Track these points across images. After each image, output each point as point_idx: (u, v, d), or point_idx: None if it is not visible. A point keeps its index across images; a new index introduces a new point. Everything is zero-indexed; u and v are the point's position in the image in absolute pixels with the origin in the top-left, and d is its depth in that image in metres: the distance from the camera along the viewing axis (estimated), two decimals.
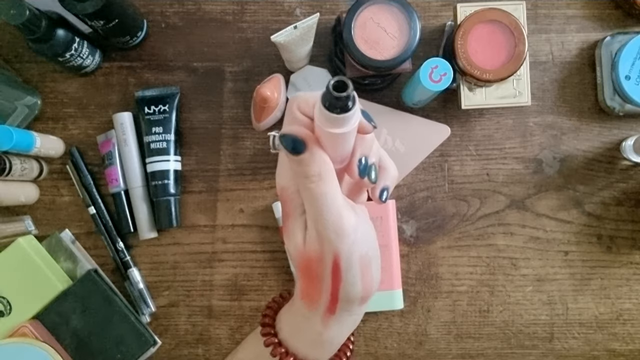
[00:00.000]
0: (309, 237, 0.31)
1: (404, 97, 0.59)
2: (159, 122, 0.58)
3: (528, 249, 0.60)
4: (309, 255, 0.31)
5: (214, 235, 0.60)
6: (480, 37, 0.53)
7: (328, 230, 0.30)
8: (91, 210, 0.59)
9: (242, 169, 0.60)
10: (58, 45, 0.52)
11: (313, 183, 0.29)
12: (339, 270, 0.31)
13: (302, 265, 0.32)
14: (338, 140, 0.28)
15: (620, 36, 0.58)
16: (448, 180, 0.61)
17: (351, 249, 0.30)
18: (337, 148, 0.29)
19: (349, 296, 0.32)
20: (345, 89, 0.25)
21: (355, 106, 0.26)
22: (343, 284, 0.31)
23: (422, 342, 0.60)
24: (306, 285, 0.33)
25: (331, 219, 0.30)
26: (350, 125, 0.27)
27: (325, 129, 0.27)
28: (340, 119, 0.26)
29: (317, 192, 0.29)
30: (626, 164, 0.60)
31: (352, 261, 0.31)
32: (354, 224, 0.30)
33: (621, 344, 0.59)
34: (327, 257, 0.31)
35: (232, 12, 0.61)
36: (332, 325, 0.33)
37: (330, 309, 0.32)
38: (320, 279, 0.32)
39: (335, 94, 0.25)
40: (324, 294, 0.32)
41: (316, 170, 0.29)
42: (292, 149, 0.29)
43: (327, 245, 0.30)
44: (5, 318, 0.54)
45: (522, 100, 0.56)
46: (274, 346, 0.34)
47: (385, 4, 0.51)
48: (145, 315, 0.58)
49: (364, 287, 0.32)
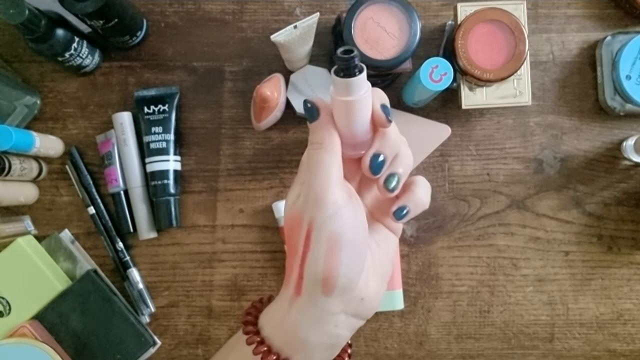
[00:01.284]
0: (298, 201, 0.32)
1: (404, 97, 0.59)
2: (158, 122, 0.58)
3: (528, 249, 0.60)
4: (293, 218, 0.33)
5: (213, 235, 0.60)
6: (481, 37, 0.53)
7: (310, 196, 0.31)
8: (91, 210, 0.59)
9: (242, 169, 0.60)
10: (57, 45, 0.52)
11: (314, 149, 0.31)
12: (310, 239, 0.31)
13: (288, 231, 0.33)
14: (349, 109, 0.30)
15: (620, 36, 0.58)
16: (448, 180, 0.60)
17: (325, 221, 0.30)
18: (348, 120, 0.31)
19: (312, 273, 0.31)
20: (352, 52, 0.28)
21: (362, 75, 0.29)
22: (309, 255, 0.31)
23: (422, 343, 0.59)
24: (287, 257, 0.34)
25: (317, 186, 0.31)
26: (357, 93, 0.29)
27: (340, 98, 0.30)
28: (347, 84, 0.29)
29: (315, 158, 0.31)
30: (627, 164, 0.60)
31: (321, 234, 0.31)
32: (337, 201, 0.31)
33: (622, 344, 0.59)
34: (304, 223, 0.31)
35: (232, 12, 0.61)
36: (295, 308, 0.32)
37: (297, 287, 0.32)
38: (296, 248, 0.32)
39: (341, 55, 0.28)
40: (295, 268, 0.32)
41: (320, 138, 0.31)
42: (308, 114, 0.32)
43: (307, 210, 0.31)
44: (4, 318, 0.54)
45: (523, 100, 0.56)
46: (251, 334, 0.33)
47: (385, 4, 0.51)
48: (145, 315, 0.58)
49: (326, 267, 0.30)
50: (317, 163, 0.31)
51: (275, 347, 0.33)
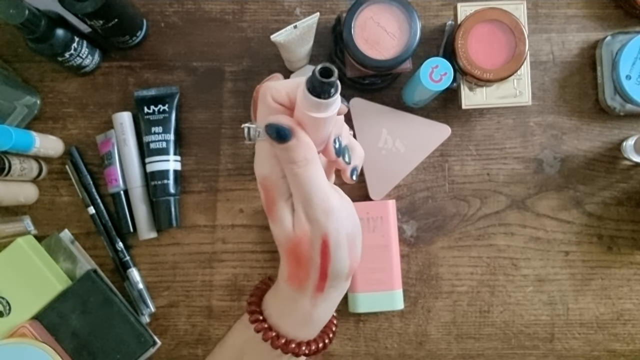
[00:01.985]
0: (297, 220, 0.32)
1: (404, 97, 0.59)
2: (158, 122, 0.58)
3: (528, 249, 0.60)
4: (299, 238, 0.32)
5: (213, 235, 0.60)
6: (481, 37, 0.53)
7: (317, 211, 0.31)
8: (90, 211, 0.59)
9: (242, 169, 0.60)
10: (57, 44, 0.52)
11: (300, 168, 0.31)
12: (328, 248, 0.32)
13: (291, 249, 0.33)
14: (320, 124, 0.30)
15: (620, 36, 0.58)
16: (448, 180, 0.60)
17: (339, 227, 0.32)
18: (318, 132, 0.31)
19: (338, 273, 0.33)
20: (331, 75, 0.26)
21: (338, 91, 0.28)
22: (332, 261, 0.33)
23: (422, 343, 0.59)
24: (294, 268, 0.34)
25: (320, 200, 0.31)
26: (333, 109, 0.29)
27: (310, 114, 0.28)
28: (324, 104, 0.28)
29: (305, 176, 0.31)
30: (627, 164, 0.60)
31: (340, 239, 0.32)
32: (339, 203, 0.32)
33: (622, 344, 0.59)
34: (316, 238, 0.32)
35: (231, 12, 0.61)
36: (320, 303, 0.35)
37: (319, 288, 0.34)
38: (309, 260, 0.33)
39: (322, 79, 0.26)
40: (313, 274, 0.33)
41: (302, 155, 0.31)
42: (279, 137, 0.30)
43: (316, 225, 0.32)
44: (4, 318, 0.54)
45: (523, 100, 0.56)
46: (264, 331, 0.35)
47: (385, 4, 0.51)
48: (145, 315, 0.58)
49: (351, 262, 0.34)
50: (308, 179, 0.31)
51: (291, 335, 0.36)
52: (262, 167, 0.33)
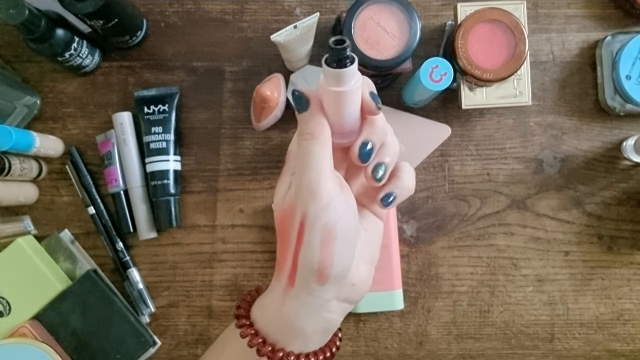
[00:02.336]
0: (289, 193, 0.32)
1: (404, 97, 0.59)
2: (158, 122, 0.58)
3: (529, 249, 0.60)
4: (284, 210, 0.32)
5: (213, 235, 0.60)
6: (481, 37, 0.53)
7: (303, 187, 0.31)
8: (90, 211, 0.59)
9: (242, 169, 0.60)
10: (57, 44, 0.52)
11: (305, 140, 0.31)
12: (303, 230, 0.31)
13: (279, 223, 0.33)
14: (338, 100, 0.30)
15: (620, 36, 0.58)
16: (448, 180, 0.60)
17: (319, 213, 0.30)
18: (337, 109, 0.31)
19: (306, 264, 0.31)
20: (344, 42, 0.28)
21: (354, 65, 0.29)
22: (303, 246, 0.31)
23: (422, 343, 0.59)
24: (279, 249, 0.34)
25: (309, 178, 0.31)
26: (348, 84, 0.29)
27: (330, 88, 0.29)
28: (339, 74, 0.29)
29: (305, 149, 0.31)
30: (627, 164, 0.60)
31: (315, 225, 0.31)
32: (330, 192, 0.31)
33: (622, 344, 0.59)
34: (297, 215, 0.31)
35: (231, 12, 0.61)
36: (290, 299, 0.33)
37: (291, 278, 0.32)
38: (288, 240, 0.32)
39: (334, 46, 0.28)
40: (288, 259, 0.32)
41: (311, 128, 0.31)
42: (297, 104, 0.31)
43: (300, 202, 0.31)
44: (4, 318, 0.54)
45: (523, 100, 0.56)
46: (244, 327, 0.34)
47: (385, 4, 0.51)
48: (145, 315, 0.58)
49: (321, 258, 0.31)
50: (308, 154, 0.31)
51: (270, 338, 0.33)
52: (291, 143, 0.35)
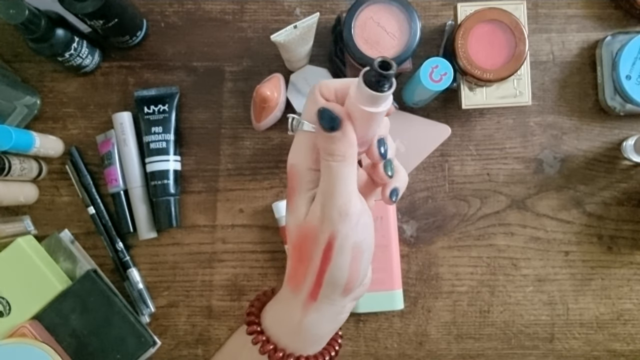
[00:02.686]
0: (312, 212, 0.32)
1: (404, 97, 0.59)
2: (158, 122, 0.58)
3: (528, 249, 0.60)
4: (307, 229, 0.32)
5: (213, 235, 0.60)
6: (481, 37, 0.53)
7: (333, 209, 0.31)
8: (90, 211, 0.59)
9: (242, 169, 0.60)
10: (57, 44, 0.52)
11: (335, 162, 0.31)
12: (331, 251, 0.31)
13: (297, 241, 0.33)
14: (371, 119, 0.30)
15: (620, 36, 0.58)
16: (448, 180, 0.60)
17: (349, 233, 0.31)
18: (368, 128, 0.31)
19: (334, 281, 0.32)
20: (390, 68, 0.27)
21: (393, 87, 0.28)
22: (331, 266, 0.32)
23: (422, 343, 0.59)
24: (295, 265, 0.34)
25: (340, 199, 0.31)
26: (387, 104, 0.29)
27: (364, 108, 0.29)
28: (378, 98, 0.28)
29: (336, 170, 0.31)
30: (627, 164, 0.60)
31: (345, 245, 0.31)
32: (359, 211, 0.31)
33: (622, 344, 0.59)
34: (323, 236, 0.31)
35: (231, 12, 0.61)
36: (311, 312, 0.33)
37: (313, 294, 0.33)
38: (310, 258, 0.32)
39: (380, 72, 0.27)
40: (310, 277, 0.33)
41: (342, 150, 0.30)
42: (329, 124, 0.30)
43: (327, 223, 0.31)
44: (4, 318, 0.54)
45: (523, 100, 0.56)
46: (255, 334, 0.34)
47: (385, 4, 0.51)
48: (145, 315, 0.58)
49: (350, 275, 0.32)
50: (338, 176, 0.31)
51: (289, 349, 0.34)
52: (294, 156, 0.33)
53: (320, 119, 0.30)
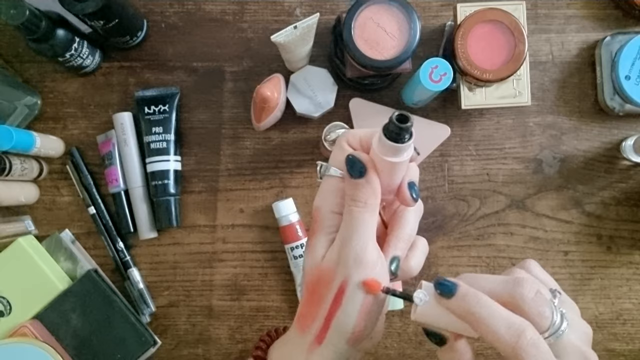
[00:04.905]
0: (330, 255, 0.33)
1: (404, 97, 0.59)
2: (159, 122, 0.58)
3: (528, 249, 0.60)
4: (322, 272, 0.33)
5: (214, 235, 0.60)
6: (480, 37, 0.53)
7: (349, 255, 0.31)
8: (91, 210, 0.59)
9: (242, 169, 0.60)
10: (58, 45, 0.52)
11: (357, 207, 0.32)
12: (342, 295, 0.32)
13: (311, 283, 0.33)
14: (394, 168, 0.31)
15: (620, 36, 0.58)
16: (448, 180, 0.61)
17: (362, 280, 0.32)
18: (391, 176, 0.32)
19: (340, 327, 0.32)
20: (407, 121, 0.28)
21: (413, 137, 0.30)
22: (340, 311, 0.32)
23: (422, 342, 0.60)
24: (306, 306, 0.34)
25: (357, 246, 0.31)
26: (406, 155, 0.30)
27: (386, 158, 0.30)
28: (399, 149, 0.30)
29: (356, 216, 0.31)
30: (626, 164, 0.60)
31: (356, 292, 0.32)
32: (374, 259, 0.32)
33: (621, 344, 0.59)
34: (337, 280, 0.32)
35: (232, 12, 0.61)
36: (314, 356, 0.33)
37: (319, 337, 0.33)
38: (322, 301, 0.33)
39: (398, 125, 0.28)
40: (319, 319, 0.33)
41: (364, 197, 0.32)
42: (353, 171, 0.32)
43: (342, 267, 0.32)
44: (5, 318, 0.54)
45: (522, 100, 0.56)
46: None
47: (385, 4, 0.51)
48: (145, 315, 0.58)
49: (357, 323, 0.32)
50: (358, 222, 0.31)
51: None
52: (319, 199, 0.34)
53: (347, 165, 0.32)
